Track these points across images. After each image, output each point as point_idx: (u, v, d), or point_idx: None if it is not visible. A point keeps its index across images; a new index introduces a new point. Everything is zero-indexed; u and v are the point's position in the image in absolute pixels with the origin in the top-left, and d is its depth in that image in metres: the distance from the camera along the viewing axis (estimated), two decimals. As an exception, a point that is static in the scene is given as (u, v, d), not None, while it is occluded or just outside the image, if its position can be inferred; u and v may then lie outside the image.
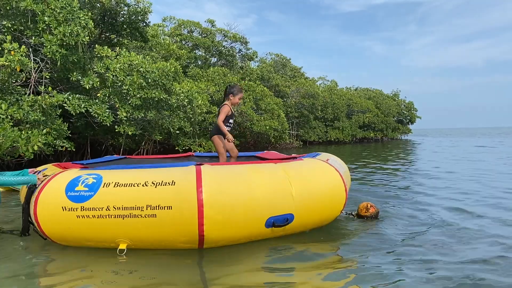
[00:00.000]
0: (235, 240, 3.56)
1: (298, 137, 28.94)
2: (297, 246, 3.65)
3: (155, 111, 11.96)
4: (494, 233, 3.92)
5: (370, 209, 4.64)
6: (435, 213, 4.87)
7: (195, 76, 19.75)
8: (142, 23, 14.24)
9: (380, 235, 3.93)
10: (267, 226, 3.55)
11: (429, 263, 3.13)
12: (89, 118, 11.27)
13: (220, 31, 24.06)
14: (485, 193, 6.22)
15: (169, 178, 3.33)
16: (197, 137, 17.24)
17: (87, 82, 10.33)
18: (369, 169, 10.42)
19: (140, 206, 3.22)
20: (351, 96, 36.81)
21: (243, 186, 3.43)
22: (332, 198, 3.98)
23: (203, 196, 3.18)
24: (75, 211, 3.27)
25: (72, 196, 3.30)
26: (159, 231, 3.29)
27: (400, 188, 6.93)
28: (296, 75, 30.94)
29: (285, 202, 3.60)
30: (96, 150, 14.57)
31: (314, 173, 3.96)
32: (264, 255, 3.44)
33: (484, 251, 3.40)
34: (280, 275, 2.98)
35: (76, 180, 3.40)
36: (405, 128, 45.29)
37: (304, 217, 3.79)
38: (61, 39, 9.47)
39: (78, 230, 3.37)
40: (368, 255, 3.35)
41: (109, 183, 3.34)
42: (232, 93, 4.97)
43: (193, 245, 3.41)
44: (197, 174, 3.32)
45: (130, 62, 11.15)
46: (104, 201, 3.26)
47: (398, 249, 3.50)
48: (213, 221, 3.23)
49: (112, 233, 3.34)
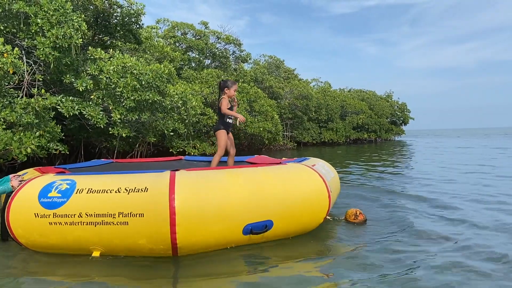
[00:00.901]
0: (211, 248, 3.49)
1: (292, 139, 29.01)
2: (276, 252, 3.58)
3: (149, 113, 11.97)
4: (481, 243, 3.79)
5: (359, 217, 4.60)
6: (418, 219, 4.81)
7: (189, 78, 19.76)
8: (136, 25, 14.25)
9: (363, 243, 3.85)
10: (245, 233, 3.47)
11: (412, 268, 3.10)
12: (82, 120, 11.26)
13: (214, 33, 24.10)
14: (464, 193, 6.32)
15: (142, 185, 3.26)
16: (191, 139, 17.24)
17: (81, 84, 10.32)
18: (360, 170, 10.52)
19: (112, 213, 3.15)
20: (344, 97, 36.98)
21: (219, 192, 3.36)
22: (314, 204, 3.85)
23: (175, 203, 3.12)
24: (47, 217, 3.22)
25: (44, 203, 3.26)
26: (131, 239, 3.22)
27: (389, 191, 6.97)
28: (289, 77, 31.03)
29: (264, 208, 3.50)
30: (90, 153, 14.54)
31: (296, 178, 3.84)
32: (241, 262, 3.37)
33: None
34: (256, 281, 2.94)
35: (49, 186, 3.36)
36: (398, 129, 45.52)
37: (284, 224, 3.69)
38: (54, 42, 9.47)
39: (51, 237, 3.31)
40: (349, 262, 3.29)
41: (82, 189, 3.28)
42: (227, 87, 5.05)
43: (166, 253, 3.34)
44: (171, 180, 3.26)
45: (124, 64, 11.15)
46: (77, 208, 3.20)
47: (382, 258, 3.39)
48: (186, 229, 3.16)
49: (85, 241, 3.29)
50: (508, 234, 4.04)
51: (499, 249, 3.51)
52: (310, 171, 4.01)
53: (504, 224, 4.42)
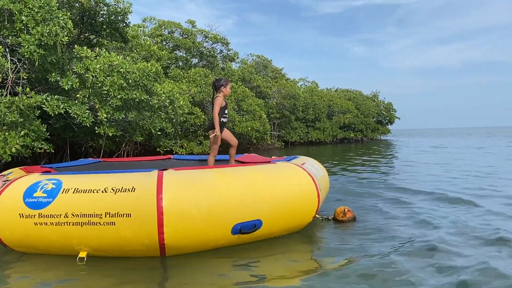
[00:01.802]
0: (200, 248, 3.47)
1: (280, 138, 29.10)
2: (266, 251, 3.57)
3: (136, 112, 11.89)
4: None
5: (348, 214, 4.61)
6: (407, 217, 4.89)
7: (176, 77, 19.67)
8: (122, 23, 14.13)
9: (353, 240, 3.88)
10: (234, 233, 3.44)
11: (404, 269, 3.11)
12: (68, 119, 11.13)
13: (201, 32, 24.02)
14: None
15: (129, 184, 3.23)
16: (179, 138, 17.17)
17: (66, 82, 10.20)
18: (348, 169, 10.61)
19: (99, 213, 3.11)
20: (331, 97, 37.21)
21: (207, 191, 3.33)
22: (304, 203, 3.85)
23: (163, 203, 3.09)
24: (32, 218, 3.17)
25: (30, 203, 3.20)
26: (118, 240, 3.19)
27: (380, 188, 7.10)
28: (277, 76, 31.10)
29: (253, 208, 3.49)
30: (75, 152, 14.38)
31: (285, 177, 3.83)
32: (229, 262, 3.36)
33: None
34: (246, 280, 2.94)
35: (35, 185, 3.30)
36: (384, 128, 45.99)
37: (273, 223, 3.68)
38: (39, 39, 9.34)
39: (36, 238, 3.25)
40: (337, 261, 3.30)
41: (69, 189, 3.23)
42: (222, 85, 5.06)
43: (154, 253, 3.31)
44: (158, 180, 3.23)
45: (110, 62, 11.06)
46: (63, 208, 3.15)
47: (373, 255, 3.43)
48: (174, 229, 3.13)
49: (71, 241, 3.24)
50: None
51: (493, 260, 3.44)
52: (299, 170, 4.01)
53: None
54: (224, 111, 5.11)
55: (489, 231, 4.12)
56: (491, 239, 3.83)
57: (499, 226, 4.28)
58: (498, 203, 5.57)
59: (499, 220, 4.59)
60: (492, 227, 4.28)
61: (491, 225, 4.37)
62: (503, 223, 4.47)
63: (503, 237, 3.86)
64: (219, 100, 4.96)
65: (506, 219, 4.66)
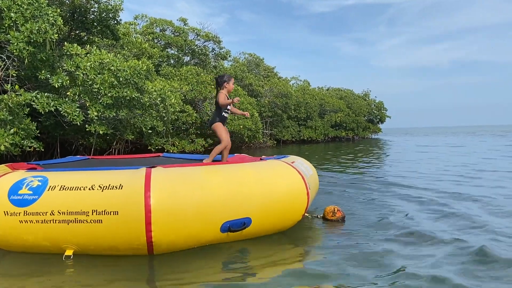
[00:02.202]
0: (188, 246, 3.45)
1: (272, 136, 29.14)
2: (255, 250, 3.58)
3: (127, 110, 11.83)
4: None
5: (337, 214, 4.61)
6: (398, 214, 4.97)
7: (167, 75, 19.59)
8: (113, 20, 14.03)
9: (341, 240, 3.89)
10: (223, 231, 3.43)
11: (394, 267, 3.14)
12: (58, 117, 11.04)
13: (193, 30, 23.93)
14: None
15: (116, 182, 3.20)
16: (170, 137, 17.11)
17: (56, 80, 10.12)
18: (337, 168, 10.69)
19: (86, 211, 3.08)
20: (323, 96, 37.35)
21: (196, 189, 3.31)
22: (293, 201, 3.84)
23: (151, 201, 3.06)
24: (17, 215, 3.13)
25: (15, 200, 3.16)
26: (105, 238, 3.17)
27: (367, 187, 7.14)
28: (269, 75, 31.11)
29: (242, 206, 3.47)
30: (66, 150, 14.27)
31: (274, 175, 3.82)
32: (219, 260, 3.35)
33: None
34: (234, 278, 2.94)
35: (20, 182, 3.26)
36: (375, 127, 46.27)
37: (263, 221, 3.67)
38: (28, 36, 9.25)
39: (21, 236, 3.21)
40: (327, 260, 3.30)
41: (55, 186, 3.20)
42: (225, 81, 5.06)
43: (142, 251, 3.29)
44: (146, 177, 3.20)
45: (101, 60, 10.99)
46: (49, 205, 3.12)
47: (361, 254, 3.44)
48: (162, 227, 3.11)
49: (57, 239, 3.21)
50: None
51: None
52: (289, 168, 4.00)
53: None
54: (227, 107, 5.12)
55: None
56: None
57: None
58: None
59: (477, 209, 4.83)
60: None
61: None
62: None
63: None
64: (221, 95, 4.97)
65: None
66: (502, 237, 3.81)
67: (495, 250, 3.36)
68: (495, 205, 5.32)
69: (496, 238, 3.77)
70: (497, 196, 5.96)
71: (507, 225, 4.28)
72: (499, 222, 4.38)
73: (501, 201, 5.62)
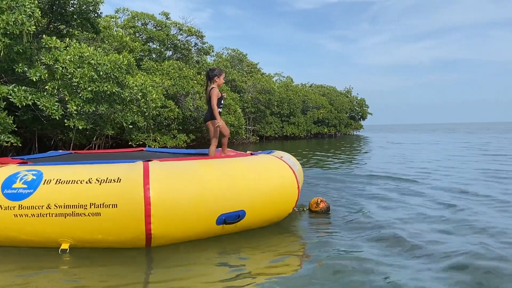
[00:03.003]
0: (185, 238, 3.50)
1: (255, 132, 29.13)
2: (248, 242, 3.63)
3: (107, 105, 11.63)
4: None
5: (320, 204, 4.76)
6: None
7: (149, 69, 19.34)
8: (94, 13, 13.74)
9: (329, 230, 4.01)
10: (218, 223, 3.49)
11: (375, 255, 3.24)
12: (36, 111, 10.78)
13: (175, 24, 23.65)
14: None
15: (114, 175, 3.22)
16: (152, 132, 16.92)
17: (34, 73, 9.88)
18: (321, 162, 10.79)
19: (84, 204, 3.09)
20: (306, 92, 37.49)
21: (193, 182, 3.36)
22: (285, 195, 3.96)
23: (150, 193, 3.10)
24: (12, 209, 3.12)
25: (8, 194, 3.14)
26: (104, 230, 3.18)
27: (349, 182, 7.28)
28: (252, 71, 31.04)
29: (237, 199, 3.54)
30: (44, 146, 13.97)
31: (268, 169, 3.92)
32: (215, 252, 3.40)
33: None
34: (230, 271, 2.96)
35: (13, 176, 3.23)
36: (357, 124, 46.77)
37: (256, 214, 3.75)
38: (4, 28, 8.98)
39: (16, 230, 3.20)
40: (318, 250, 3.38)
41: (50, 180, 3.20)
42: (216, 75, 5.02)
43: (140, 244, 3.31)
44: (145, 170, 3.24)
45: (81, 53, 10.77)
46: (45, 199, 3.10)
47: (347, 242, 3.57)
48: (160, 219, 3.15)
49: (53, 233, 3.20)
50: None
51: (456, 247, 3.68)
52: (281, 163, 4.10)
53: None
54: (221, 102, 5.11)
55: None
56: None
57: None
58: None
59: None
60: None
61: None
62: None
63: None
64: (215, 92, 4.94)
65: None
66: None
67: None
68: (428, 199, 5.50)
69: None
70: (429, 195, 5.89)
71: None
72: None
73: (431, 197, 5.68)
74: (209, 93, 4.94)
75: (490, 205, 5.09)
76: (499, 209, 4.83)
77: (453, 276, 2.79)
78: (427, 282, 2.71)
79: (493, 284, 2.64)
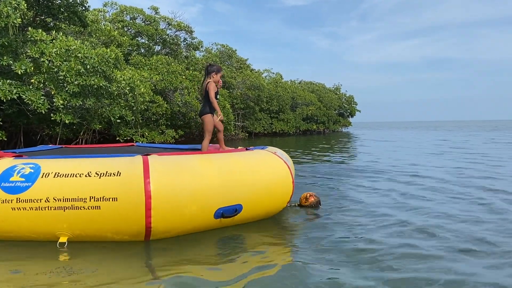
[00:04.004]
0: (183, 231, 3.54)
1: (244, 129, 29.11)
2: (244, 236, 3.69)
3: (94, 99, 11.50)
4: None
5: (310, 199, 4.82)
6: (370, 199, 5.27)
7: (137, 64, 19.17)
8: (81, 7, 13.57)
9: (320, 223, 4.09)
10: (216, 217, 3.55)
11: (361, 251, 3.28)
12: (22, 105, 10.62)
13: (164, 19, 23.46)
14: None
15: (114, 169, 3.24)
16: (140, 127, 16.82)
17: (19, 67, 9.72)
18: (310, 159, 10.84)
19: (83, 197, 3.12)
20: (295, 89, 37.57)
21: (192, 176, 3.41)
22: (280, 189, 4.06)
23: (151, 187, 3.14)
24: (9, 203, 3.11)
25: (6, 187, 3.13)
26: (103, 224, 3.21)
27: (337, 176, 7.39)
28: (242, 67, 30.97)
29: (234, 193, 3.62)
30: (30, 140, 13.78)
31: (264, 164, 4.02)
32: (212, 245, 3.44)
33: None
34: (227, 264, 2.99)
35: (10, 170, 3.22)
36: (345, 121, 47.03)
37: (253, 208, 3.87)
38: (-11, 20, 8.83)
39: (14, 223, 3.19)
40: (312, 243, 3.45)
41: (48, 173, 3.20)
42: (213, 71, 5.04)
43: (139, 237, 3.35)
44: (144, 164, 3.27)
45: (68, 47, 10.62)
46: (43, 192, 3.12)
47: (336, 237, 3.62)
48: (160, 213, 3.20)
49: (51, 226, 3.21)
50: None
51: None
52: (276, 158, 4.18)
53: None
54: (217, 96, 5.12)
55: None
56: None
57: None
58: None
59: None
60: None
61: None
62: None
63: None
64: (212, 86, 4.96)
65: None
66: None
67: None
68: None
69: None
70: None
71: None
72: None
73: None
74: (205, 87, 4.95)
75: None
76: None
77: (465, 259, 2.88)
78: (424, 273, 2.76)
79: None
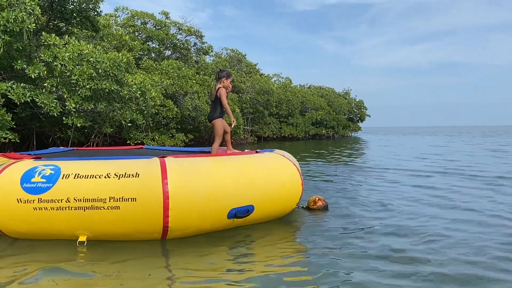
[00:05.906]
0: (198, 231, 3.63)
1: (253, 133, 29.15)
2: (256, 236, 3.76)
3: (106, 103, 11.62)
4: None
5: (318, 203, 4.87)
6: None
7: (148, 68, 19.35)
8: (93, 12, 13.72)
9: (328, 227, 4.10)
10: (229, 217, 3.65)
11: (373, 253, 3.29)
12: (35, 108, 10.77)
13: (175, 24, 23.67)
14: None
15: (132, 170, 3.34)
16: (150, 131, 16.94)
17: (33, 71, 9.86)
18: (320, 163, 10.83)
19: (103, 198, 3.21)
20: (304, 93, 37.52)
21: (207, 178, 3.51)
22: (290, 191, 4.16)
23: (168, 188, 3.23)
24: (31, 203, 3.20)
25: (28, 188, 3.21)
26: (122, 223, 3.30)
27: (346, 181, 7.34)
28: (251, 71, 31.06)
29: (247, 194, 3.74)
30: (42, 143, 13.96)
31: (274, 166, 4.12)
32: (226, 245, 3.51)
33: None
34: (241, 263, 3.04)
35: (31, 171, 3.30)
36: (355, 125, 46.81)
37: (264, 209, 3.96)
38: (4, 25, 8.97)
39: (35, 223, 3.29)
40: (320, 245, 3.48)
41: (69, 174, 3.29)
42: (224, 77, 5.10)
43: (156, 236, 3.45)
44: (162, 166, 3.36)
45: (80, 51, 10.76)
46: (64, 193, 3.21)
47: (344, 240, 3.64)
48: (178, 213, 3.29)
49: (72, 226, 3.30)
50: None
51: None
52: (286, 160, 4.31)
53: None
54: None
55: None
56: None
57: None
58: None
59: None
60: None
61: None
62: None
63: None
64: (223, 91, 4.99)
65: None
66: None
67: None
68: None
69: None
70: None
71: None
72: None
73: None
74: (217, 93, 5.00)
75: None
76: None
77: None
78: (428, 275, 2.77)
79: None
